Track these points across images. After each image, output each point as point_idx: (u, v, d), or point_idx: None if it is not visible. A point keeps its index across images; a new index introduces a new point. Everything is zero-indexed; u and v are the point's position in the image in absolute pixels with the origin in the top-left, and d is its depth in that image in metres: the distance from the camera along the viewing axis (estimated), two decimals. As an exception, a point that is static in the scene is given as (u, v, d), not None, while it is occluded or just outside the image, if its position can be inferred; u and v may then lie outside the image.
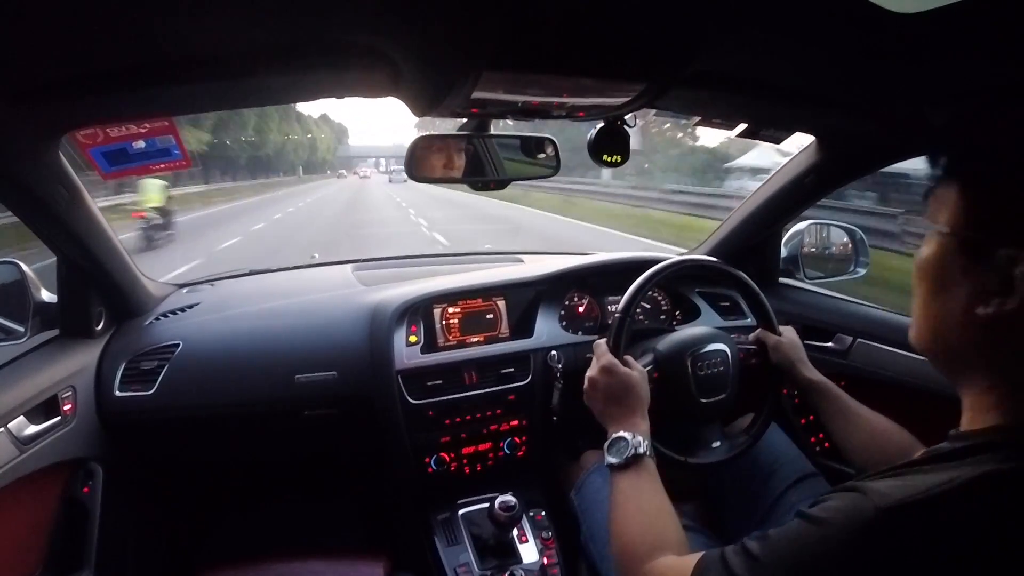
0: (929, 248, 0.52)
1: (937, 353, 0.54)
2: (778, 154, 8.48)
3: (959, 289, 0.49)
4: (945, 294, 0.51)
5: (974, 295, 0.48)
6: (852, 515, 0.46)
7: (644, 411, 0.85)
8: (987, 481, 0.44)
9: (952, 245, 0.50)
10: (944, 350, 0.53)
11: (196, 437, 1.28)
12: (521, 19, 0.54)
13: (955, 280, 0.50)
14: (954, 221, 0.50)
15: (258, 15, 0.58)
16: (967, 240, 0.49)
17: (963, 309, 0.49)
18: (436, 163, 0.92)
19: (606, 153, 0.95)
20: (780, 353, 1.01)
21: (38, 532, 1.03)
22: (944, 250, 0.51)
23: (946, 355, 0.53)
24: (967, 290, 0.49)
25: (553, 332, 1.29)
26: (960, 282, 0.49)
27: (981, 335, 0.48)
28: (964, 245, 0.49)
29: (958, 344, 0.51)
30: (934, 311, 0.52)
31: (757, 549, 0.51)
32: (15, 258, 1.04)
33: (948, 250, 0.50)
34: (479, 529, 1.18)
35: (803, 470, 1.04)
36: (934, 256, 0.52)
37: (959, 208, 0.50)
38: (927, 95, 0.81)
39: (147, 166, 0.88)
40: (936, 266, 0.51)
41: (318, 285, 1.45)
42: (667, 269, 1.01)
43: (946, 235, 0.50)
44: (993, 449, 0.46)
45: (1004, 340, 0.47)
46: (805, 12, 0.56)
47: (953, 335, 0.51)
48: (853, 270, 1.43)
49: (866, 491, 0.46)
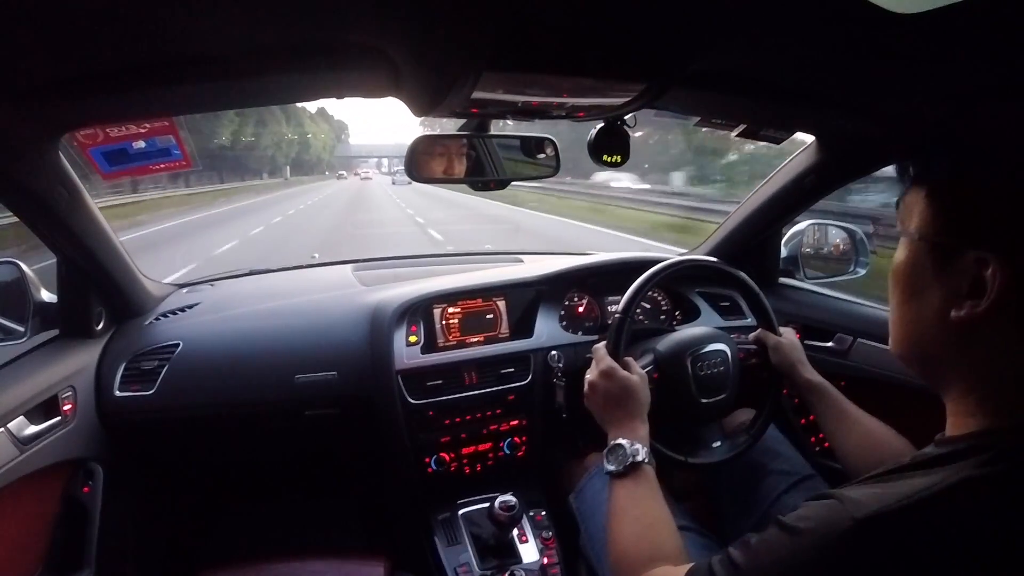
0: (901, 254, 0.53)
1: (914, 359, 0.54)
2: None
3: (932, 293, 0.50)
4: (919, 299, 0.51)
5: (947, 299, 0.48)
6: (827, 525, 0.45)
7: (644, 415, 0.85)
8: (965, 487, 0.43)
9: (923, 250, 0.50)
10: (921, 355, 0.53)
11: (196, 437, 1.28)
12: (521, 19, 0.55)
13: (928, 285, 0.50)
14: (923, 227, 0.50)
15: (258, 15, 0.58)
16: (936, 245, 0.49)
17: (937, 313, 0.49)
18: (436, 163, 0.92)
19: (606, 153, 0.95)
20: (780, 354, 1.01)
21: (38, 532, 1.03)
22: (915, 255, 0.51)
23: (923, 360, 0.53)
24: (940, 294, 0.49)
25: (553, 332, 1.29)
26: (932, 286, 0.50)
27: (956, 338, 0.49)
28: (934, 250, 0.49)
29: (934, 349, 0.51)
30: (909, 316, 0.53)
31: (740, 558, 0.51)
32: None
33: (919, 255, 0.51)
34: (479, 529, 1.18)
35: (802, 471, 1.04)
36: (906, 262, 0.52)
37: (927, 214, 0.50)
38: (927, 95, 0.81)
39: (147, 166, 0.88)
40: (909, 272, 0.52)
41: (318, 285, 1.45)
42: (667, 269, 1.01)
43: (916, 241, 0.51)
44: (974, 453, 0.46)
45: (978, 343, 0.47)
46: (805, 12, 0.56)
47: (928, 340, 0.51)
48: (853, 270, 1.43)
49: (843, 500, 0.46)
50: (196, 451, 1.33)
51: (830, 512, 0.46)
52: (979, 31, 0.56)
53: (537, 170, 1.03)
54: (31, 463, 0.92)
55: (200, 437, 1.28)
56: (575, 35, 0.59)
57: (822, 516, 0.46)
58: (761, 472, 1.05)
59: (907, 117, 0.91)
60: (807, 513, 0.48)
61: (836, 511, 0.46)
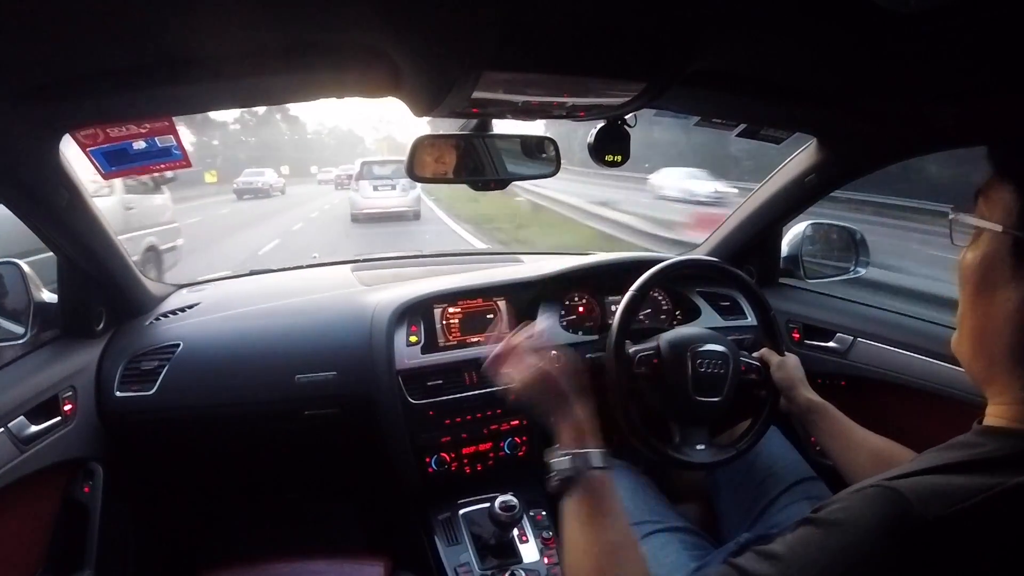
0: (977, 249, 0.51)
1: (978, 358, 0.52)
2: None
3: (1007, 292, 0.48)
4: (992, 296, 0.49)
5: (1023, 299, 0.47)
6: (886, 517, 0.42)
7: (578, 396, 0.69)
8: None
9: (1003, 245, 0.48)
10: (985, 356, 0.51)
11: (196, 437, 1.28)
12: (521, 19, 0.54)
13: (1004, 282, 0.48)
14: (1008, 220, 0.48)
15: (258, 15, 0.58)
16: (1020, 240, 0.47)
17: (1010, 313, 0.47)
18: (436, 163, 0.92)
19: (607, 153, 0.95)
20: (784, 371, 1.00)
21: (38, 532, 1.03)
22: (995, 250, 0.49)
23: (986, 361, 0.51)
24: (1016, 294, 0.47)
25: (553, 332, 1.29)
26: (1009, 284, 0.48)
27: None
28: (1016, 245, 0.47)
29: (1000, 350, 0.49)
30: (979, 313, 0.50)
31: (762, 567, 0.45)
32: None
33: (998, 250, 0.49)
34: (480, 529, 1.18)
35: (801, 473, 1.04)
36: (983, 256, 0.50)
37: (1014, 207, 0.48)
38: (926, 95, 0.81)
39: (147, 166, 0.88)
40: (985, 267, 0.50)
41: (318, 285, 1.45)
42: (668, 269, 1.01)
43: (998, 234, 0.49)
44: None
45: None
46: (805, 12, 0.56)
47: (996, 340, 0.49)
48: (853, 270, 1.43)
49: (900, 491, 0.42)
50: (196, 451, 1.33)
51: (884, 505, 0.42)
52: (979, 31, 0.56)
53: (537, 169, 1.03)
54: (31, 463, 0.92)
55: (200, 437, 1.28)
56: (575, 35, 0.59)
57: (873, 510, 0.43)
58: (760, 473, 1.05)
59: (907, 117, 0.91)
60: (852, 505, 0.44)
61: (892, 503, 0.42)
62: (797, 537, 0.45)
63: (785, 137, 1.13)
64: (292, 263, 1.71)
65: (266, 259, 7.00)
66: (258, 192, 18.26)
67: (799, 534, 0.45)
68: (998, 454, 0.46)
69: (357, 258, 1.70)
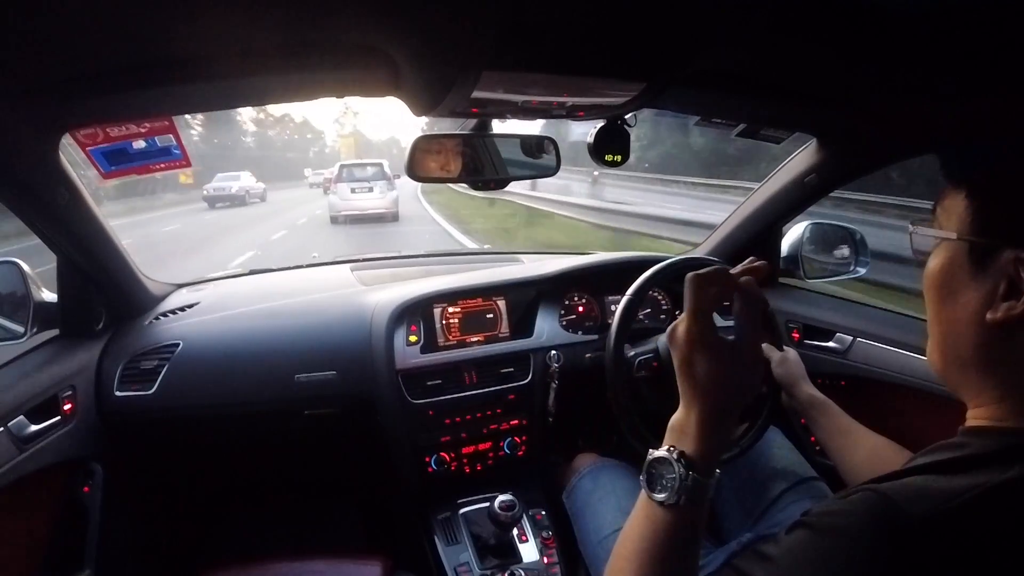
0: (937, 257, 0.52)
1: (948, 365, 0.53)
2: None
3: (968, 296, 0.49)
4: (954, 302, 0.50)
5: (983, 301, 0.48)
6: (870, 522, 0.42)
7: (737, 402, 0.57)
8: (1010, 488, 0.42)
9: (960, 252, 0.50)
10: (956, 361, 0.52)
11: (196, 437, 1.28)
12: (521, 19, 0.55)
13: (964, 287, 0.49)
14: (961, 227, 0.50)
15: (258, 15, 0.58)
16: (974, 245, 0.49)
17: (972, 316, 0.48)
18: (436, 163, 0.92)
19: (607, 152, 0.95)
20: (785, 367, 1.00)
21: (38, 532, 1.03)
22: (953, 257, 0.50)
23: (957, 366, 0.52)
24: (976, 296, 0.48)
25: (553, 332, 1.29)
26: (969, 288, 0.49)
27: (990, 342, 0.48)
28: (972, 250, 0.49)
29: (968, 353, 0.50)
30: (945, 319, 0.52)
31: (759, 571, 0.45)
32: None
33: (957, 257, 0.50)
34: (479, 529, 1.18)
35: (803, 473, 1.04)
36: (942, 264, 0.51)
37: (966, 214, 0.49)
38: (926, 95, 0.81)
39: (147, 166, 0.88)
40: (945, 274, 0.51)
41: (318, 285, 1.45)
42: (666, 269, 1.01)
43: (954, 242, 0.50)
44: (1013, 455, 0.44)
45: (1013, 346, 0.47)
46: (805, 12, 0.57)
47: (963, 343, 0.50)
48: (853, 270, 1.43)
49: (887, 494, 0.43)
50: (196, 451, 1.33)
51: (872, 508, 0.43)
52: (979, 31, 0.56)
53: (537, 169, 1.03)
54: (31, 463, 0.92)
55: (200, 437, 1.28)
56: (575, 35, 0.59)
57: (864, 511, 0.43)
58: (762, 473, 1.05)
59: (907, 117, 0.91)
60: (841, 508, 0.44)
61: (879, 506, 0.42)
62: (790, 540, 0.46)
63: (785, 137, 1.13)
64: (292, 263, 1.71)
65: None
66: (234, 199, 16.54)
67: (792, 537, 0.46)
68: (982, 452, 0.46)
69: (357, 258, 1.70)
